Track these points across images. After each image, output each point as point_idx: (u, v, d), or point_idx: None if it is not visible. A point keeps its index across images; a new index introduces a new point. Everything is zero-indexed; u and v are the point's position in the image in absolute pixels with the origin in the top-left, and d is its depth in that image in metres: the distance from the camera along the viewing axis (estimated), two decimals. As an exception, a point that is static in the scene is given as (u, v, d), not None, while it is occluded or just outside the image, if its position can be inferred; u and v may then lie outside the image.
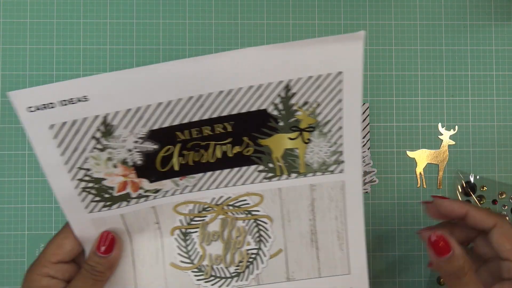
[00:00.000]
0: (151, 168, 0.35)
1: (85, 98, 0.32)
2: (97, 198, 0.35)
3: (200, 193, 0.36)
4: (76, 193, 0.34)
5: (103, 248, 0.35)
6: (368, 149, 0.47)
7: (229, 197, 0.37)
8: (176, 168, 0.35)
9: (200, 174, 0.36)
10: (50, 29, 0.46)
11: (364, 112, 0.47)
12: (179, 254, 0.37)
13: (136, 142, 0.34)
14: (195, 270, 0.37)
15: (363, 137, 0.47)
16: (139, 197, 0.35)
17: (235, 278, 0.38)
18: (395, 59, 0.48)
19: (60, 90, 0.31)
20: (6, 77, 0.46)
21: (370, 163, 0.47)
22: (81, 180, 0.34)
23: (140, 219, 0.36)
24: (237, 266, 0.38)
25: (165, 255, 0.37)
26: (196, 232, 0.37)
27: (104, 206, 0.35)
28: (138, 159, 0.34)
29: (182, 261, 0.37)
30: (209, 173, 0.36)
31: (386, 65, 0.48)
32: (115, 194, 0.35)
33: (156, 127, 0.33)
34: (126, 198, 0.35)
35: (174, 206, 0.36)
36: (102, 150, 0.33)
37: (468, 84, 0.48)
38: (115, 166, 0.34)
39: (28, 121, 0.32)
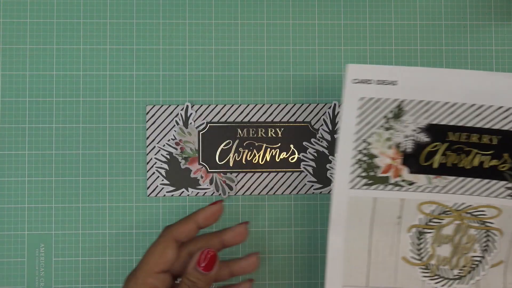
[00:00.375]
0: (414, 159, 0.39)
1: (395, 83, 0.38)
2: (364, 174, 0.39)
3: (445, 195, 0.40)
4: (350, 163, 0.39)
5: (203, 265, 0.36)
6: (368, 149, 0.47)
7: (470, 205, 0.40)
8: (435, 165, 0.39)
9: (453, 177, 0.39)
10: (50, 29, 0.46)
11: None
12: (411, 250, 0.40)
13: (414, 130, 0.39)
14: (423, 267, 0.40)
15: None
16: (395, 184, 0.40)
17: (457, 281, 0.41)
18: (395, 59, 0.48)
19: (381, 72, 0.39)
20: (6, 77, 0.46)
21: (370, 163, 0.47)
22: (360, 151, 0.39)
23: (386, 211, 0.40)
24: (461, 270, 0.40)
25: (399, 249, 0.40)
26: (431, 233, 0.40)
27: (365, 184, 0.40)
28: (409, 146, 0.39)
29: (412, 257, 0.41)
30: (460, 178, 0.39)
31: (386, 65, 0.48)
32: (378, 174, 0.40)
33: (435, 122, 0.39)
34: (385, 181, 0.40)
35: (419, 204, 0.40)
36: (386, 129, 0.39)
37: (468, 84, 0.48)
38: (389, 148, 0.39)
39: (349, 90, 0.39)
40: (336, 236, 0.40)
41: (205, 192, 0.46)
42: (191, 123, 0.46)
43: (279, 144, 0.47)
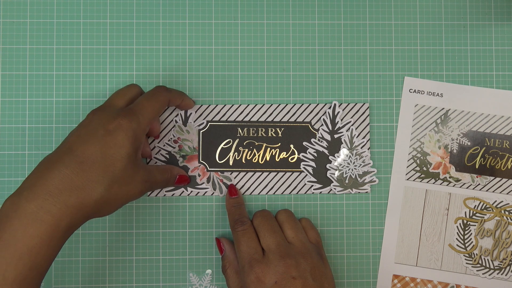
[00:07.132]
0: (460, 159, 0.46)
1: (441, 95, 0.47)
2: (417, 168, 0.47)
3: (486, 193, 0.47)
4: (407, 158, 0.47)
5: None
6: (368, 149, 0.47)
7: (508, 204, 0.47)
8: (476, 166, 0.46)
9: (492, 177, 0.46)
10: (50, 29, 0.47)
11: (364, 112, 0.47)
12: (457, 239, 0.47)
13: (458, 135, 0.46)
14: (466, 255, 0.46)
15: (363, 137, 0.47)
16: (444, 180, 0.46)
17: (497, 271, 0.46)
18: (395, 59, 0.48)
19: (430, 85, 0.47)
20: (6, 77, 0.46)
21: (370, 163, 0.47)
22: (414, 149, 0.47)
23: (436, 202, 0.46)
24: (501, 261, 0.46)
25: (446, 237, 0.46)
26: (474, 225, 0.46)
27: (418, 178, 0.47)
28: (455, 148, 0.46)
29: (458, 245, 0.47)
30: (498, 179, 0.46)
31: (386, 65, 0.48)
32: (430, 170, 0.47)
33: (474, 129, 0.46)
34: (434, 176, 0.47)
35: (464, 199, 0.46)
36: (436, 132, 0.47)
37: (468, 84, 0.48)
38: (439, 148, 0.46)
39: (406, 97, 0.47)
40: (392, 219, 0.46)
41: (205, 192, 0.46)
42: (190, 122, 0.46)
43: (279, 144, 0.47)
